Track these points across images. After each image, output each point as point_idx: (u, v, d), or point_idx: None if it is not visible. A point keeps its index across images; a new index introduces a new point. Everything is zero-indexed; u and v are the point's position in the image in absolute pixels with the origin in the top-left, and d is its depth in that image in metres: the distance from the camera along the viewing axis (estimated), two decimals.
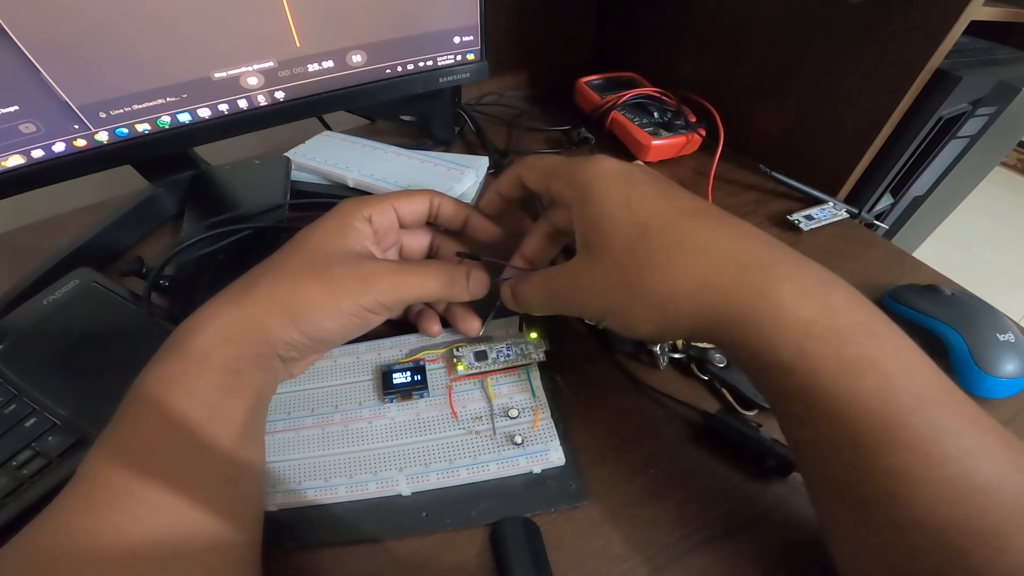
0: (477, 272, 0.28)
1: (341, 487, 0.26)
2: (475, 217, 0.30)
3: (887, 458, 0.17)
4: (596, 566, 0.24)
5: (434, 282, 0.27)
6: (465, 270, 0.28)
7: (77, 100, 0.31)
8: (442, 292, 0.27)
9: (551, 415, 0.28)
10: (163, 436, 0.21)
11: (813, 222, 0.42)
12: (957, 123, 0.44)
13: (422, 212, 0.30)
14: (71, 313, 0.32)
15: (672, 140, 0.49)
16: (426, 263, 0.28)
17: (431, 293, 0.27)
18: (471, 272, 0.28)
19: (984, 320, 0.30)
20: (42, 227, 0.45)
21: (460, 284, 0.28)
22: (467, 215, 0.30)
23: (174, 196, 0.43)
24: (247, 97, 0.36)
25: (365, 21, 0.36)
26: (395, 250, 0.31)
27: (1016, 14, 0.43)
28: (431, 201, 0.30)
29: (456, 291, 0.28)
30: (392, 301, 0.26)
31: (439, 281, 0.27)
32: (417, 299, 0.28)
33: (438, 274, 0.27)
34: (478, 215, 0.31)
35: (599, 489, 0.26)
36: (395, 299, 0.26)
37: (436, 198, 0.30)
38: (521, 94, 0.64)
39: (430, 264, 0.28)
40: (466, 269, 0.28)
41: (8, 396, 0.28)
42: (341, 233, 0.26)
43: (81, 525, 0.19)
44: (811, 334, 0.18)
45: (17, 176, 0.32)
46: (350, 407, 0.29)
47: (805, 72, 0.45)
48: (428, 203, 0.30)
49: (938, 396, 0.17)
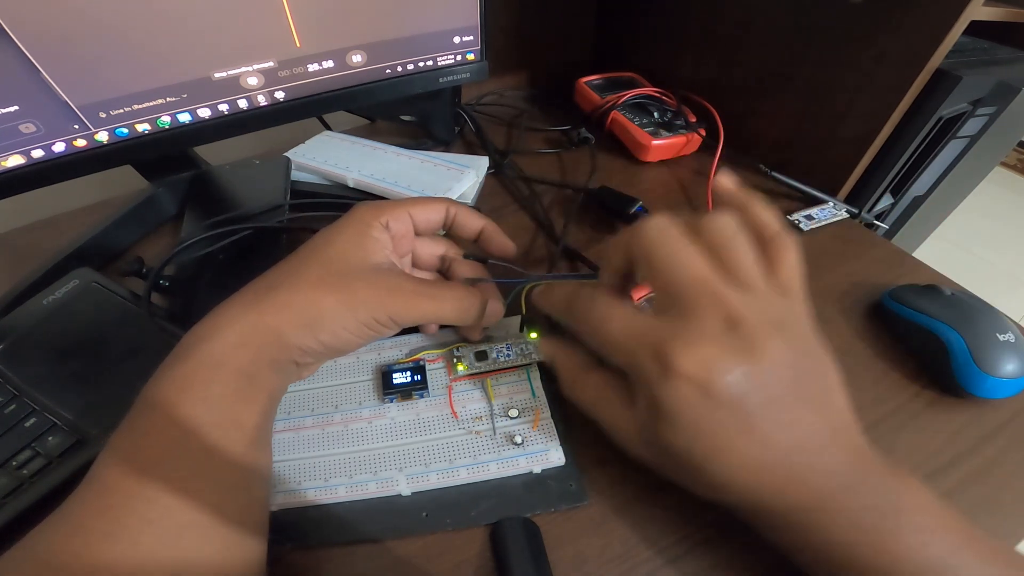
0: (494, 303, 0.29)
1: (341, 487, 0.26)
2: (490, 228, 0.31)
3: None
4: (596, 566, 0.24)
5: (449, 309, 0.27)
6: (481, 299, 0.28)
7: (77, 100, 0.31)
8: (456, 318, 0.28)
9: (551, 415, 0.28)
10: (175, 441, 0.20)
11: (813, 222, 0.42)
12: (957, 123, 0.44)
13: (437, 221, 0.30)
14: (71, 313, 0.32)
15: (672, 140, 0.49)
16: (444, 286, 0.28)
17: (444, 318, 0.27)
18: (488, 303, 0.28)
19: (984, 320, 0.30)
20: (42, 227, 0.45)
21: (474, 313, 0.28)
22: (481, 226, 0.31)
23: (174, 196, 0.43)
24: (247, 97, 0.36)
25: (365, 21, 0.36)
26: (408, 259, 0.31)
27: (1016, 14, 0.43)
28: (447, 210, 0.30)
29: (469, 319, 0.28)
30: (405, 320, 0.26)
31: (454, 309, 0.27)
32: (430, 321, 0.29)
33: (454, 302, 0.27)
34: (493, 226, 0.31)
35: (599, 489, 0.26)
36: (408, 318, 0.26)
37: (453, 207, 0.30)
38: (521, 94, 0.64)
39: (447, 289, 0.27)
40: (482, 298, 0.28)
41: (8, 396, 0.28)
42: (361, 244, 0.26)
43: (92, 529, 0.19)
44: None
45: (17, 176, 0.32)
46: (350, 407, 0.29)
47: (805, 72, 0.45)
48: (444, 212, 0.30)
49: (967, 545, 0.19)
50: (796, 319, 0.22)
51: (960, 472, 0.27)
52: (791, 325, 0.21)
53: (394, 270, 0.27)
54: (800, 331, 0.22)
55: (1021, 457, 0.28)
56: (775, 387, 0.20)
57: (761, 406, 0.20)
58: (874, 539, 0.19)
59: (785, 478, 0.20)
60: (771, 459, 0.20)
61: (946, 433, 0.29)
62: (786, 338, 0.21)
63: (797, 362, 0.21)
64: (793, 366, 0.20)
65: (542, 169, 0.50)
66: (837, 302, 0.36)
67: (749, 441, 0.20)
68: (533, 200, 0.46)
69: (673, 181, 0.48)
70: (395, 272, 0.27)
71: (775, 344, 0.20)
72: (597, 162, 0.50)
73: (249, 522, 0.22)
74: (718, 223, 0.22)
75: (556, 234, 0.42)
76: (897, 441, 0.29)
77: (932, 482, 0.27)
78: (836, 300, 0.36)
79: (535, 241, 0.42)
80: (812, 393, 0.21)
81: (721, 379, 0.19)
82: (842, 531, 0.20)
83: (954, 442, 0.29)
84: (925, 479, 0.27)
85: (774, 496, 0.21)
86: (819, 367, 0.22)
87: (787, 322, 0.21)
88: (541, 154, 0.52)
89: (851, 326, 0.35)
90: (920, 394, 0.31)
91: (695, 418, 0.20)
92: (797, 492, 0.20)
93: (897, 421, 0.30)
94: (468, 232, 0.31)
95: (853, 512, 0.20)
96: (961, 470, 0.27)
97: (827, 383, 0.22)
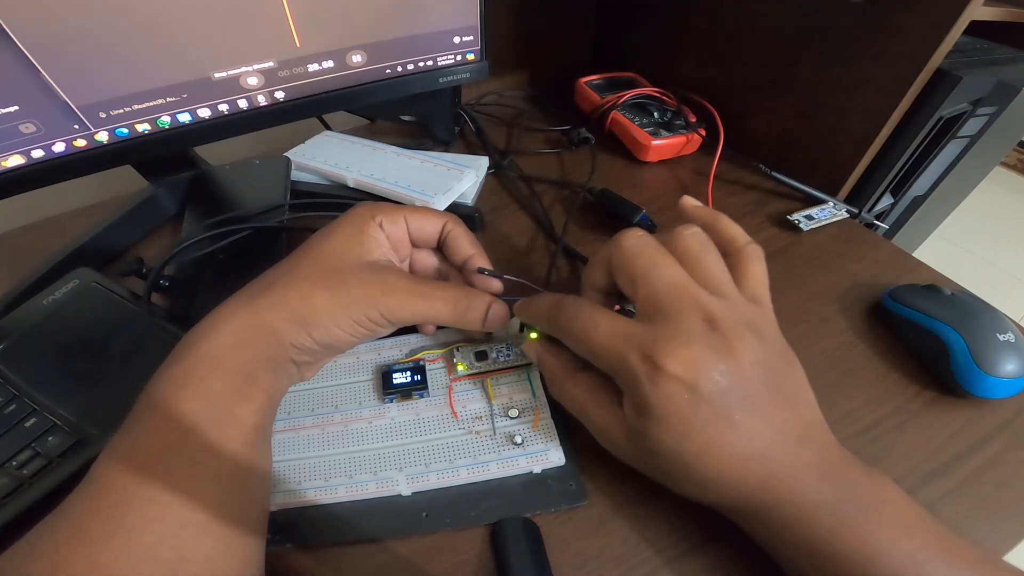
0: (498, 307, 0.28)
1: (341, 487, 0.26)
2: (477, 260, 0.29)
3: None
4: (596, 566, 0.24)
5: (443, 309, 0.26)
6: (485, 302, 0.27)
7: (77, 100, 0.31)
8: (453, 320, 0.27)
9: (551, 415, 0.28)
10: (174, 439, 0.21)
11: (813, 222, 0.42)
12: (957, 123, 0.44)
13: (432, 232, 0.29)
14: (71, 313, 0.32)
15: (672, 140, 0.49)
16: (442, 286, 0.27)
17: (440, 319, 0.27)
18: (491, 306, 0.27)
19: (984, 320, 0.30)
20: (42, 227, 0.45)
21: (475, 315, 0.27)
22: (471, 254, 0.29)
23: (174, 196, 0.43)
24: (247, 97, 0.36)
25: (365, 21, 0.36)
26: (407, 264, 0.30)
27: (1016, 14, 0.43)
28: (444, 225, 0.29)
29: (469, 320, 0.27)
30: (398, 318, 0.26)
31: (452, 310, 0.27)
32: (425, 321, 0.28)
33: (452, 303, 0.27)
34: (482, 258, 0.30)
35: (599, 489, 0.26)
36: (401, 317, 0.26)
37: (451, 224, 0.29)
38: (521, 94, 0.64)
39: (445, 289, 0.27)
40: (486, 301, 0.27)
41: (8, 396, 0.28)
42: (357, 240, 0.26)
43: (91, 528, 0.19)
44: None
45: (17, 176, 0.32)
46: (350, 407, 0.29)
47: (805, 72, 0.45)
48: (441, 226, 0.29)
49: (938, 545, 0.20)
50: (766, 322, 0.24)
51: (960, 472, 0.27)
52: (762, 327, 0.23)
53: (390, 267, 0.27)
54: (771, 333, 0.23)
55: (1021, 457, 0.28)
56: (753, 383, 0.21)
57: (743, 401, 0.21)
58: (852, 531, 0.20)
59: (767, 472, 0.21)
60: (754, 452, 0.21)
61: (946, 433, 0.29)
62: (759, 338, 0.22)
63: (770, 360, 0.22)
64: (767, 364, 0.22)
65: (542, 169, 0.50)
66: (837, 302, 0.36)
67: (735, 436, 0.21)
68: (533, 200, 0.46)
69: (673, 181, 0.48)
70: (391, 269, 0.27)
71: (751, 343, 0.21)
72: (597, 162, 0.50)
73: (248, 521, 0.22)
74: (687, 237, 0.24)
75: (556, 234, 0.42)
76: (897, 441, 0.29)
77: (932, 482, 0.27)
78: (836, 300, 0.36)
79: (535, 241, 0.42)
80: (785, 390, 0.22)
81: (707, 376, 0.20)
82: (820, 524, 0.20)
83: (954, 442, 0.29)
84: (925, 479, 0.27)
85: (756, 491, 0.21)
86: (790, 366, 0.23)
87: (758, 324, 0.23)
88: (541, 154, 0.52)
89: (851, 326, 0.35)
90: (920, 394, 0.31)
91: (685, 415, 0.21)
92: (777, 485, 0.21)
93: (897, 421, 0.30)
94: (456, 254, 0.30)
95: (830, 505, 0.20)
96: (961, 470, 0.27)
97: (797, 381, 0.23)
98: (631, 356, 0.22)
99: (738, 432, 0.21)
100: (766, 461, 0.21)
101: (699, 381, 0.20)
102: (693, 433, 0.21)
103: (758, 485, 0.21)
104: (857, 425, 0.29)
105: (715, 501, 0.23)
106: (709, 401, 0.20)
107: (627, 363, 0.22)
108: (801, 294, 0.37)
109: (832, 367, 0.32)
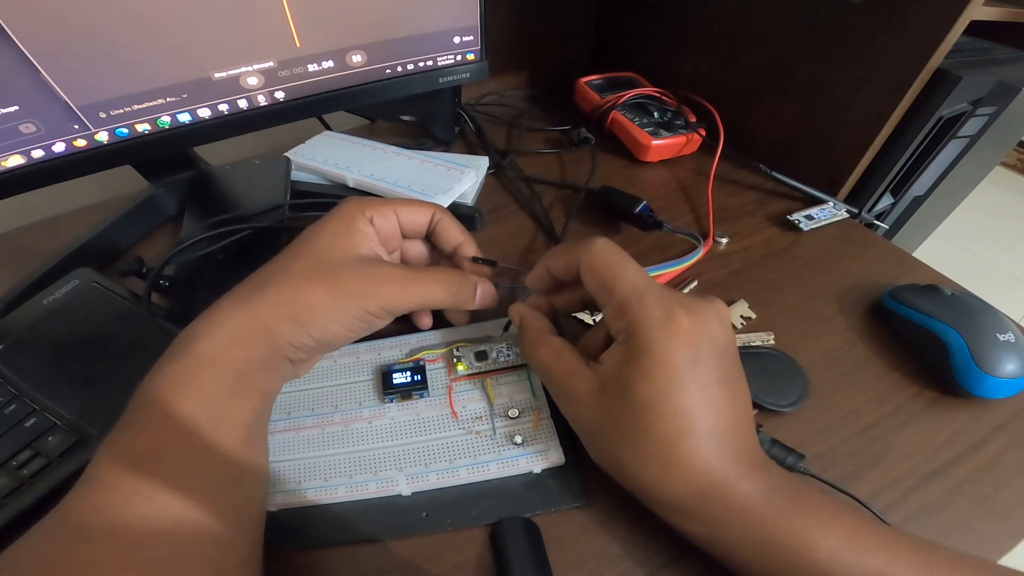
0: (485, 285, 0.29)
1: (341, 487, 0.26)
2: (467, 247, 0.30)
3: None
4: (596, 566, 0.24)
5: (440, 291, 0.27)
6: (473, 280, 0.28)
7: (77, 100, 0.31)
8: (448, 301, 0.28)
9: (551, 415, 0.28)
10: (169, 438, 0.21)
11: (813, 222, 0.42)
12: (957, 123, 0.44)
13: (422, 223, 0.30)
14: (71, 313, 0.32)
15: (672, 140, 0.49)
16: (433, 270, 0.28)
17: (436, 302, 0.27)
18: (479, 284, 0.28)
19: (984, 320, 0.30)
20: (42, 227, 0.45)
21: (466, 293, 0.28)
22: (460, 241, 0.30)
23: (174, 196, 0.43)
24: (247, 97, 0.36)
25: (365, 21, 0.36)
26: (397, 255, 0.31)
27: (1016, 14, 0.43)
28: (433, 215, 0.30)
29: (462, 300, 0.28)
30: (396, 308, 0.26)
31: (445, 291, 0.27)
32: (422, 307, 0.28)
33: (445, 284, 0.27)
34: (471, 246, 0.31)
35: (599, 489, 0.26)
36: (399, 306, 0.26)
37: (439, 214, 0.30)
38: (521, 94, 0.64)
39: (436, 272, 0.28)
40: (474, 280, 0.28)
41: (8, 396, 0.28)
42: (347, 235, 0.26)
43: (88, 526, 0.19)
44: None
45: (17, 176, 0.32)
46: (350, 407, 0.29)
47: (805, 72, 0.45)
48: (430, 216, 0.30)
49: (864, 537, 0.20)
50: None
51: (960, 472, 0.27)
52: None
53: (380, 260, 0.27)
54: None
55: (1021, 457, 0.28)
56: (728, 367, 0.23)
57: (718, 380, 0.22)
58: (785, 517, 0.20)
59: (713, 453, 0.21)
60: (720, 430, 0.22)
61: (946, 433, 0.29)
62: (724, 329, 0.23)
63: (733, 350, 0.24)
64: (733, 353, 0.23)
65: (542, 169, 0.50)
66: (837, 302, 0.36)
67: (707, 408, 0.21)
68: (533, 200, 0.46)
69: (673, 181, 0.48)
70: (381, 261, 0.27)
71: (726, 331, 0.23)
72: (597, 162, 0.50)
73: (244, 519, 0.22)
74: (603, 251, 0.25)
75: (556, 234, 0.42)
76: (897, 441, 0.29)
77: (932, 482, 0.27)
78: (836, 300, 0.36)
79: (535, 241, 0.42)
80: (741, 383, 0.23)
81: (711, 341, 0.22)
82: (756, 511, 0.21)
83: (954, 442, 0.29)
84: (925, 479, 0.27)
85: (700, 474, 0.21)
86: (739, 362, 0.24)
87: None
88: (541, 154, 0.52)
89: (851, 326, 0.35)
90: (920, 394, 0.31)
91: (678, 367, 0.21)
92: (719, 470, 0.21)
93: (897, 421, 0.30)
94: (446, 243, 0.30)
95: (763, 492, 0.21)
96: (961, 470, 0.27)
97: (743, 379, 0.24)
98: (651, 299, 0.22)
99: (710, 404, 0.21)
100: (714, 443, 0.21)
101: (701, 343, 0.22)
102: (674, 390, 0.21)
103: (703, 468, 0.21)
104: (857, 425, 0.29)
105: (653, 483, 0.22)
106: (704, 364, 0.22)
107: (645, 303, 0.22)
108: (801, 294, 0.37)
109: (832, 367, 0.32)
